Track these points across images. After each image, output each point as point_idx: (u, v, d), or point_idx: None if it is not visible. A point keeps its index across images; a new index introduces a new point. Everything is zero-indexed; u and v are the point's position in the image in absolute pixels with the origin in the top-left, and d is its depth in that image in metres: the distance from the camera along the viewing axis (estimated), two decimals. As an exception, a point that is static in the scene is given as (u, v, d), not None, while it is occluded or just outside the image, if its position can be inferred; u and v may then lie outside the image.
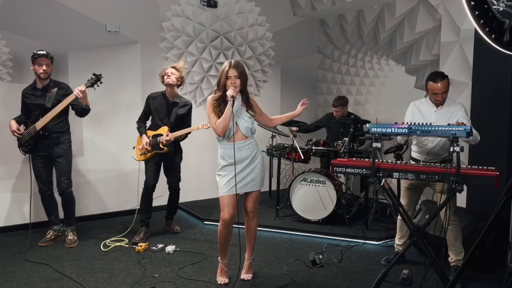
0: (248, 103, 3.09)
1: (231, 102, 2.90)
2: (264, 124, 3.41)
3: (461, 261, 3.22)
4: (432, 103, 3.32)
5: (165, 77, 4.07)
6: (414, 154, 3.46)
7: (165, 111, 4.12)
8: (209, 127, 3.91)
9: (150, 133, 4.13)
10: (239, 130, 3.02)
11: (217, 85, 3.06)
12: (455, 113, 3.22)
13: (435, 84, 3.22)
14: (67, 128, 4.03)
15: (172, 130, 4.07)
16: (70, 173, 4.05)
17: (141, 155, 4.14)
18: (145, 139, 4.06)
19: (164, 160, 4.20)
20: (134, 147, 4.23)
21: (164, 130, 4.09)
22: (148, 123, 4.25)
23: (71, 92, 3.88)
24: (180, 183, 4.36)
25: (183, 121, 4.16)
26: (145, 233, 4.16)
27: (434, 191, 3.38)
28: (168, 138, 4.00)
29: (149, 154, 4.11)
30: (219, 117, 2.98)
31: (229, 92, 2.91)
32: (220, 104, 3.01)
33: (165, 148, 4.08)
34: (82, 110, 3.92)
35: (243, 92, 3.06)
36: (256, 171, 3.08)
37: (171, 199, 4.39)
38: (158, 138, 4.07)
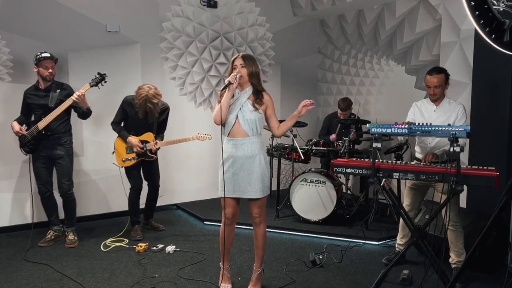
0: (257, 97, 2.89)
1: (225, 86, 2.76)
2: (270, 130, 3.07)
3: (462, 262, 3.22)
4: (430, 100, 3.35)
5: (147, 104, 3.91)
6: (417, 154, 3.48)
7: (143, 118, 4.05)
8: (205, 138, 3.93)
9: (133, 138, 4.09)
10: (239, 124, 2.85)
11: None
12: (454, 113, 3.26)
13: (430, 76, 3.29)
14: (69, 129, 4.04)
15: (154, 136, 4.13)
16: (71, 174, 4.05)
17: (124, 161, 4.10)
18: (136, 142, 4.02)
19: (145, 162, 4.19)
20: (113, 152, 4.17)
21: (150, 137, 4.10)
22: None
23: (74, 92, 3.89)
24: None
25: (160, 125, 4.18)
26: (141, 229, 4.25)
27: (436, 191, 3.38)
28: (157, 147, 4.06)
29: (133, 161, 4.10)
30: None
31: (227, 79, 2.80)
32: (223, 91, 2.84)
33: (154, 156, 4.12)
34: (84, 113, 3.94)
35: (254, 85, 2.89)
36: (256, 175, 2.87)
37: (152, 197, 4.39)
38: (144, 145, 4.06)
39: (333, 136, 5.06)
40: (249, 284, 3.07)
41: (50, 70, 3.84)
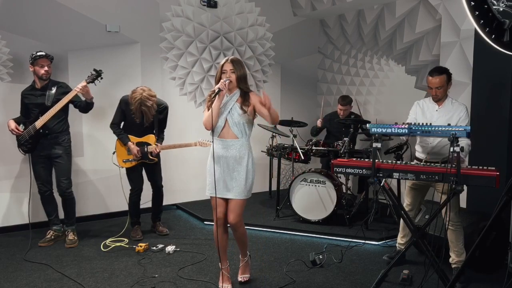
0: (245, 99, 2.95)
1: (216, 93, 2.83)
2: (262, 116, 2.96)
3: (462, 262, 3.22)
4: (433, 100, 3.34)
5: (142, 107, 3.89)
6: (418, 154, 3.47)
7: (141, 118, 4.01)
8: (207, 145, 3.91)
9: (133, 139, 4.07)
10: (229, 127, 2.93)
11: (215, 80, 3.03)
12: (457, 113, 3.24)
13: (431, 78, 3.27)
14: (66, 128, 4.04)
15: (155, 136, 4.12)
16: (70, 173, 4.05)
17: (124, 162, 4.09)
18: (134, 148, 4.01)
19: (147, 163, 4.16)
20: (114, 152, 4.17)
21: (151, 139, 4.08)
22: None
23: (70, 90, 3.89)
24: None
25: (160, 124, 4.15)
26: (141, 230, 4.26)
27: (436, 191, 3.38)
28: (158, 151, 4.06)
29: (134, 163, 4.09)
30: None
31: (217, 85, 2.87)
32: (213, 98, 2.91)
33: (155, 159, 4.10)
34: (87, 104, 3.94)
35: (241, 88, 2.96)
36: (241, 176, 2.95)
37: (156, 197, 4.36)
38: (146, 147, 4.04)
39: (319, 121, 5.25)
40: (238, 273, 3.19)
41: (46, 69, 3.84)
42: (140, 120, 3.98)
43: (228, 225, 3.05)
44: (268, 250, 3.91)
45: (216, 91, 2.84)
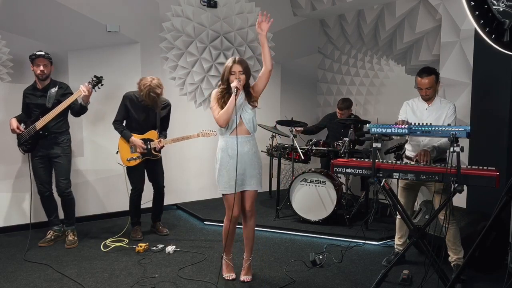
0: (249, 95, 3.09)
1: (235, 93, 2.92)
2: (262, 77, 3.06)
3: (461, 260, 3.23)
4: (423, 99, 3.39)
5: (151, 93, 3.87)
6: (408, 152, 3.50)
7: (145, 115, 4.03)
8: (210, 135, 3.95)
9: (136, 137, 4.04)
10: (243, 124, 3.05)
11: (221, 80, 3.09)
12: (445, 111, 3.30)
13: (420, 79, 3.32)
14: (66, 129, 4.04)
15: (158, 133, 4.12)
16: (69, 173, 4.05)
17: (129, 160, 4.06)
18: (139, 142, 3.98)
19: (150, 162, 4.15)
20: (117, 151, 4.13)
21: (153, 135, 4.07)
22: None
23: (71, 92, 3.91)
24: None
25: (163, 122, 4.14)
26: (141, 230, 4.25)
27: (429, 191, 3.39)
28: (162, 145, 4.05)
29: (138, 160, 4.06)
30: (222, 108, 3.00)
31: (234, 84, 2.94)
32: (224, 95, 3.02)
33: (159, 154, 4.10)
34: (81, 108, 3.93)
35: (246, 87, 3.08)
36: (256, 169, 3.12)
37: (158, 198, 4.34)
38: (149, 143, 4.03)
39: (298, 129, 5.23)
40: (241, 273, 3.23)
41: (42, 68, 3.83)
42: (152, 105, 3.95)
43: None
44: (268, 250, 3.92)
45: (236, 91, 2.92)
